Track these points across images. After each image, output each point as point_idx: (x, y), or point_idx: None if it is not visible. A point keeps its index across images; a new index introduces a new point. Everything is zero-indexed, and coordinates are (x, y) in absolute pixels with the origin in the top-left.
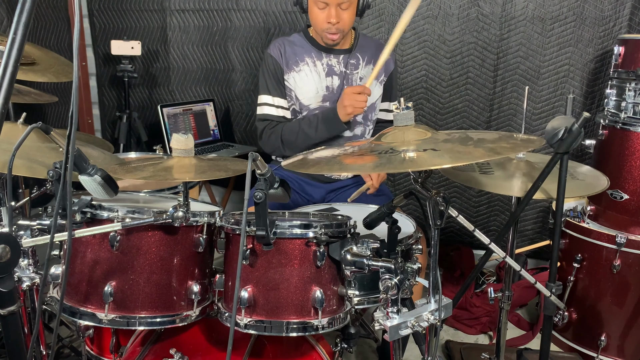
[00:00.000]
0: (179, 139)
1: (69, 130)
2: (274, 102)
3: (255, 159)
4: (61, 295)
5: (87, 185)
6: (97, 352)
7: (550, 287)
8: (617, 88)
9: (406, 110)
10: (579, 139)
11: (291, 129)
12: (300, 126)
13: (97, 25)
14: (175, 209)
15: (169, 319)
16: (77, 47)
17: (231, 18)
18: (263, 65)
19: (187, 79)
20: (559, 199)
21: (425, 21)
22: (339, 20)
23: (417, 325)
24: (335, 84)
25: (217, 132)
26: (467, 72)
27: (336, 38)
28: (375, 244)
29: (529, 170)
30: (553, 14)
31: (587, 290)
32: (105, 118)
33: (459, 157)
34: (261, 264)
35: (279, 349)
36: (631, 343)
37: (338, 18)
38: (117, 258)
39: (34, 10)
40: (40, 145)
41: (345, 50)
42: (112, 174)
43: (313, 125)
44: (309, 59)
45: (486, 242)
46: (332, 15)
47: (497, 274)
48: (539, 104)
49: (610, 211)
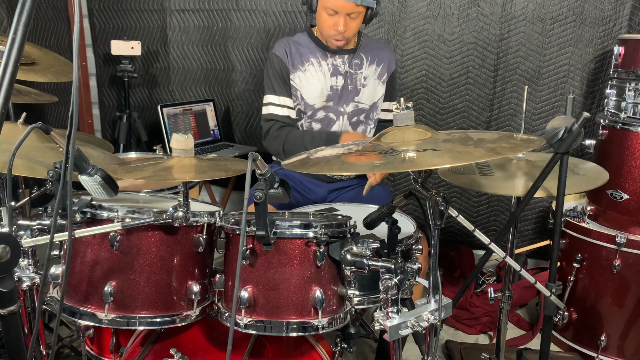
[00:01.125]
0: (179, 139)
1: (69, 130)
2: (279, 102)
3: (255, 159)
4: (61, 295)
5: (87, 185)
6: (97, 352)
7: (550, 287)
8: (617, 88)
9: (406, 110)
10: (579, 139)
11: (294, 141)
12: (303, 140)
13: (97, 25)
14: (175, 209)
15: (169, 319)
16: (77, 47)
17: (231, 18)
18: (268, 65)
19: (187, 79)
20: (559, 199)
21: (425, 21)
22: (346, 29)
23: (417, 325)
24: (340, 83)
25: (217, 132)
26: (467, 72)
27: (340, 44)
28: (375, 244)
29: (529, 169)
30: (553, 14)
31: (587, 290)
32: (105, 118)
33: (459, 157)
34: (261, 264)
35: (279, 349)
36: (631, 343)
37: (346, 27)
38: (117, 258)
39: (34, 10)
40: (40, 145)
41: (349, 51)
42: (112, 174)
43: (315, 143)
44: (314, 59)
45: (486, 242)
46: (340, 24)
47: (497, 274)
48: (539, 104)
49: (610, 211)
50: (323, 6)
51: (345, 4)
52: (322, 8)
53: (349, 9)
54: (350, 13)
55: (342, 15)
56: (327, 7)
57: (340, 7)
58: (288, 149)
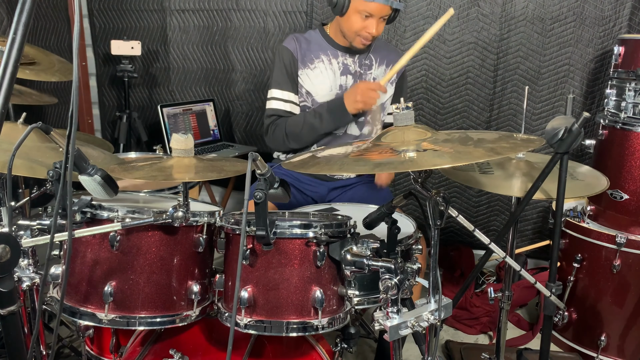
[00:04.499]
0: (179, 139)
1: (69, 130)
2: (283, 97)
3: (255, 159)
4: (61, 295)
5: (87, 185)
6: (97, 352)
7: (550, 287)
8: (617, 88)
9: (406, 110)
10: (579, 139)
11: (296, 121)
12: (305, 118)
13: (97, 25)
14: (175, 209)
15: (169, 319)
16: (77, 47)
17: (231, 18)
18: (277, 59)
19: (187, 79)
20: (559, 199)
21: (425, 21)
22: (378, 32)
23: (417, 325)
24: (349, 83)
25: (217, 132)
26: (467, 72)
27: (367, 44)
28: (375, 244)
29: (528, 170)
30: (553, 14)
31: (587, 290)
32: (105, 118)
33: (459, 157)
34: (261, 264)
35: (279, 349)
36: (631, 343)
37: (378, 30)
38: (117, 258)
39: (33, 10)
40: (40, 145)
41: (361, 51)
42: (112, 173)
43: (318, 115)
44: (324, 57)
45: (486, 242)
46: (374, 26)
47: (497, 273)
48: (539, 104)
49: (610, 211)
50: (357, 9)
51: (382, 7)
52: (354, 11)
53: (384, 12)
54: (384, 16)
55: (376, 18)
56: (363, 10)
57: (378, 11)
58: (290, 132)
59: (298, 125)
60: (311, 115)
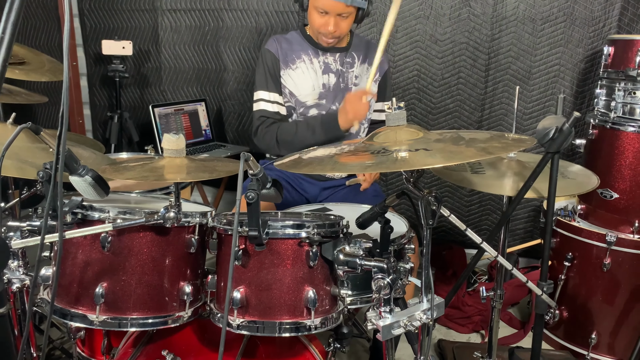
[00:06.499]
0: (170, 139)
1: (60, 131)
2: (270, 98)
3: (248, 159)
4: (52, 296)
5: (77, 185)
6: (88, 353)
7: (541, 285)
8: (606, 88)
9: (398, 110)
10: (570, 139)
11: (288, 130)
12: (297, 128)
13: (87, 24)
14: (166, 210)
15: (161, 320)
16: (67, 47)
17: (223, 18)
18: (260, 61)
19: (179, 79)
20: (550, 198)
21: (417, 21)
22: (336, 29)
23: (409, 324)
24: (332, 81)
25: (209, 132)
26: (459, 72)
27: (331, 42)
28: (367, 244)
29: (520, 169)
30: (543, 14)
31: (578, 289)
32: (96, 118)
33: (451, 156)
34: (253, 265)
35: (272, 349)
36: (621, 341)
37: (336, 27)
38: (109, 259)
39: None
40: (30, 146)
41: (341, 49)
42: (103, 174)
43: (311, 128)
44: (305, 57)
45: (478, 241)
46: (331, 24)
47: (489, 272)
48: (530, 103)
49: (600, 210)
50: (314, 6)
51: (336, 4)
52: (312, 7)
53: (339, 10)
54: (341, 13)
55: (333, 15)
56: (318, 7)
57: (331, 8)
58: (282, 140)
59: (290, 134)
60: (304, 128)
